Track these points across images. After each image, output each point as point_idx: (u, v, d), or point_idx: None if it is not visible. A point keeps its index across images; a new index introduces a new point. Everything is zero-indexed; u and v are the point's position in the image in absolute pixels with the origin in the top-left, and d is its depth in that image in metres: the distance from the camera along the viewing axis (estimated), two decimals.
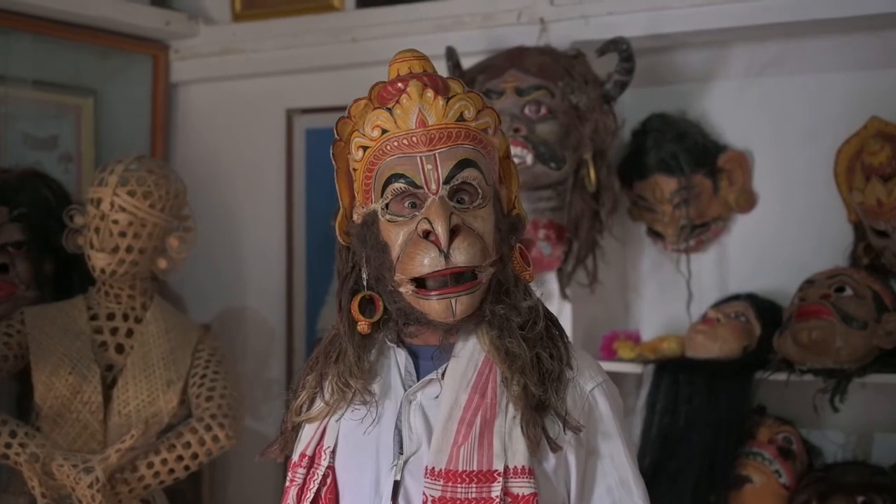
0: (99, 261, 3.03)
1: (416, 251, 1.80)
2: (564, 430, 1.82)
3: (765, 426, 3.15)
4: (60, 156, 3.82)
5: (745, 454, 3.10)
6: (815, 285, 3.06)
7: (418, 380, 1.90)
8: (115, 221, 3.02)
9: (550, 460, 1.83)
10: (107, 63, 3.96)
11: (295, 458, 1.96)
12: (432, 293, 1.81)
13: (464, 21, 3.51)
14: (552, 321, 1.93)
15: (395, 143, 1.82)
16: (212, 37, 3.99)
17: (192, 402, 3.04)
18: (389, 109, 1.81)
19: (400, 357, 1.93)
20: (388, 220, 1.83)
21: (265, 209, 3.94)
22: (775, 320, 3.17)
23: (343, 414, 1.92)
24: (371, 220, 1.86)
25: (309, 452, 1.94)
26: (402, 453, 1.85)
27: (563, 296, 3.31)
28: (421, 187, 1.81)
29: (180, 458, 2.93)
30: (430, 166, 1.80)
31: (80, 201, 3.29)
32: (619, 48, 3.15)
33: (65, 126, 3.85)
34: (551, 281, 3.34)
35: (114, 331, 3.12)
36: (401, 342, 1.92)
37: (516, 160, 3.06)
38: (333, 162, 1.91)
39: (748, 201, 3.40)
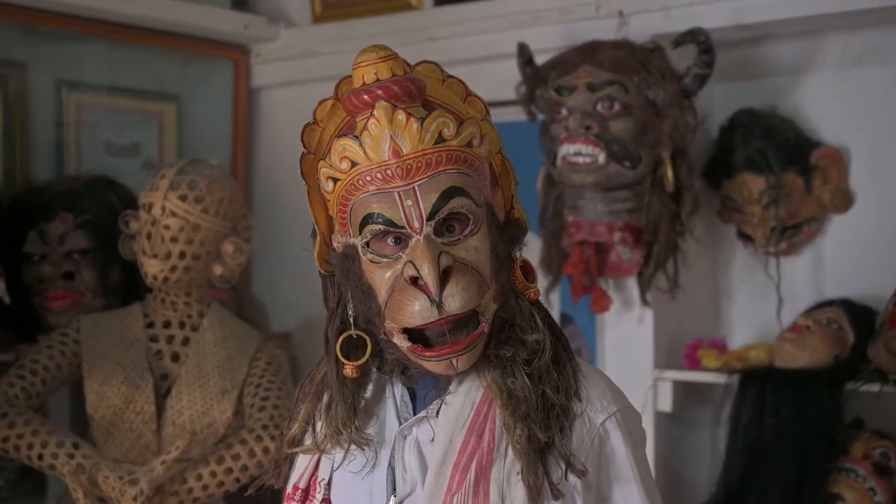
0: (151, 267, 2.97)
1: (405, 300, 1.60)
2: (566, 476, 1.63)
3: (860, 440, 2.94)
4: (143, 163, 3.82)
5: (837, 470, 2.90)
6: None
7: (415, 411, 1.74)
8: (167, 227, 2.94)
9: None
10: (189, 69, 3.96)
11: (288, 489, 1.82)
12: (428, 354, 1.62)
13: (541, 16, 3.38)
14: (562, 345, 1.72)
15: (368, 178, 1.59)
16: (292, 39, 3.95)
17: (246, 411, 2.96)
18: (357, 138, 1.59)
19: (396, 388, 1.76)
20: (371, 261, 1.63)
21: None
22: (871, 327, 2.96)
23: (341, 464, 1.75)
24: (352, 255, 1.66)
25: (302, 485, 1.80)
26: (395, 494, 1.70)
27: (644, 302, 3.16)
28: (402, 227, 1.59)
29: (229, 470, 2.84)
30: (409, 202, 1.58)
31: None
32: (697, 39, 2.99)
33: (148, 133, 3.85)
34: (631, 286, 3.19)
35: (169, 339, 3.05)
36: (394, 375, 1.74)
37: (587, 159, 2.96)
38: (303, 179, 1.70)
39: (844, 200, 3.20)
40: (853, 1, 2.98)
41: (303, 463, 1.82)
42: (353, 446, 1.73)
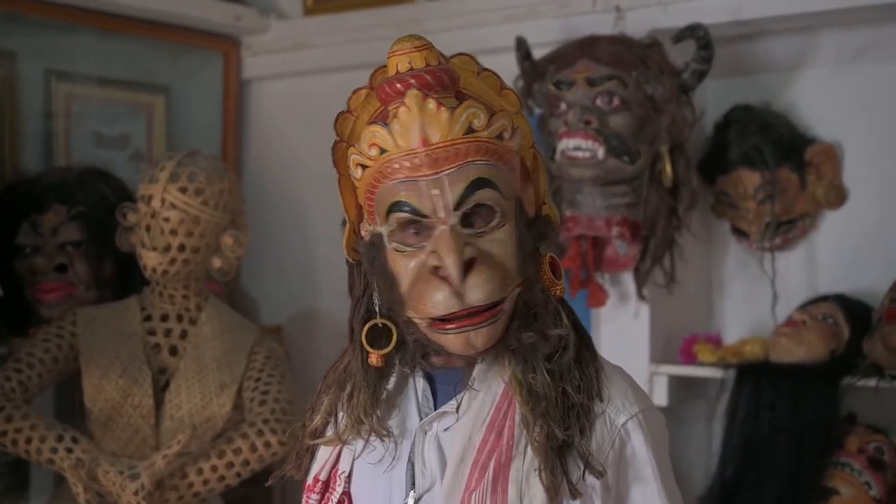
0: (150, 260, 2.94)
1: (427, 290, 1.59)
2: (584, 477, 1.61)
3: (854, 435, 2.96)
4: (131, 155, 3.79)
5: (833, 464, 2.91)
6: None
7: (435, 406, 1.72)
8: (167, 219, 2.92)
9: None
10: (179, 60, 3.93)
11: (309, 481, 1.82)
12: (448, 326, 1.60)
13: (538, 10, 3.38)
14: (585, 344, 1.70)
15: (396, 166, 1.59)
16: (283, 32, 3.93)
17: (246, 405, 2.94)
18: (387, 125, 1.59)
19: (417, 382, 1.75)
20: (395, 250, 1.63)
21: (337, 207, 3.79)
22: (866, 322, 2.99)
23: (360, 454, 1.75)
24: (378, 243, 1.65)
25: (322, 477, 1.79)
26: (414, 489, 1.69)
27: (640, 296, 3.17)
28: (428, 216, 1.59)
29: (231, 464, 2.82)
30: (436, 191, 1.58)
31: None
32: (696, 35, 3.00)
33: (137, 124, 3.82)
34: (627, 281, 3.20)
35: (167, 332, 3.03)
36: (416, 366, 1.72)
37: (587, 154, 2.96)
38: (335, 167, 1.70)
39: (838, 196, 3.22)
40: None
41: (324, 455, 1.80)
42: (373, 437, 1.72)
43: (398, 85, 1.61)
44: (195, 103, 3.95)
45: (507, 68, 3.19)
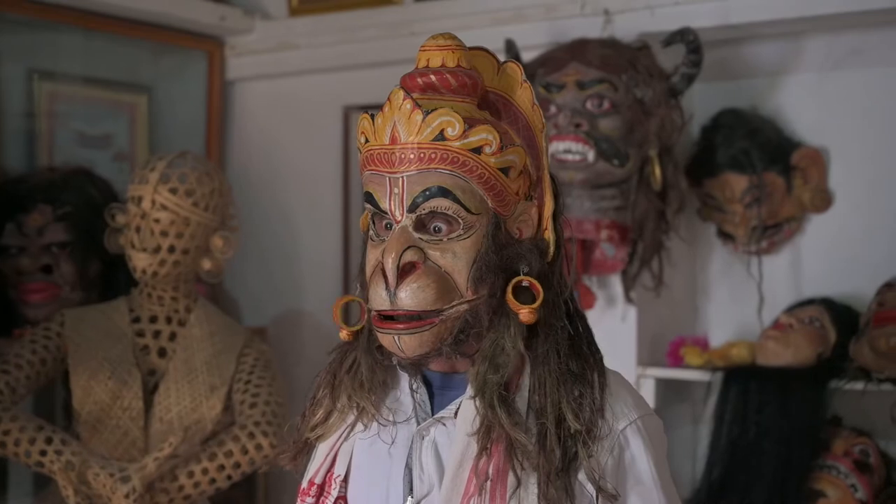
0: (140, 261, 2.92)
1: (372, 283, 1.62)
2: (597, 500, 1.60)
3: (840, 438, 2.98)
4: (114, 154, 3.76)
5: (820, 467, 2.93)
6: (895, 289, 2.89)
7: (432, 411, 1.71)
8: (157, 220, 2.91)
9: None
10: (162, 60, 3.91)
11: (304, 484, 1.80)
12: (380, 324, 1.62)
13: (525, 13, 3.37)
14: (593, 356, 1.69)
15: (373, 157, 1.63)
16: (268, 32, 3.91)
17: (236, 408, 2.92)
18: (373, 117, 1.63)
19: (415, 386, 1.73)
20: (370, 238, 1.67)
21: (322, 209, 3.84)
22: (852, 326, 3.01)
23: (353, 430, 1.74)
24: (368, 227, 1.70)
25: (318, 480, 1.77)
26: (412, 495, 1.68)
27: (628, 299, 3.17)
28: (386, 213, 1.62)
29: (221, 467, 2.81)
30: (396, 190, 1.60)
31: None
32: (686, 39, 3.01)
33: (119, 124, 3.80)
34: (615, 284, 3.20)
35: (156, 334, 3.01)
36: (414, 370, 1.71)
37: (577, 157, 2.97)
38: None
39: (823, 201, 3.24)
40: (836, 3, 3.00)
41: (320, 457, 1.79)
42: (367, 415, 1.72)
43: (407, 80, 1.65)
44: (178, 103, 3.92)
45: None
